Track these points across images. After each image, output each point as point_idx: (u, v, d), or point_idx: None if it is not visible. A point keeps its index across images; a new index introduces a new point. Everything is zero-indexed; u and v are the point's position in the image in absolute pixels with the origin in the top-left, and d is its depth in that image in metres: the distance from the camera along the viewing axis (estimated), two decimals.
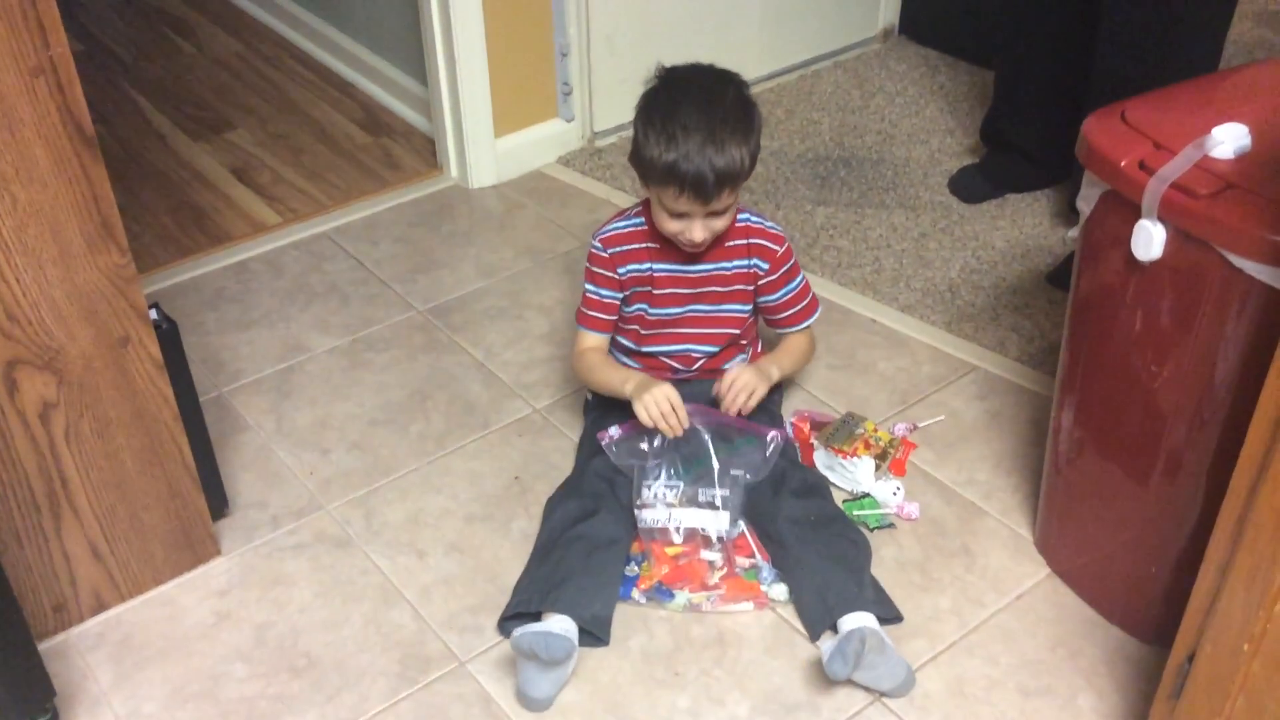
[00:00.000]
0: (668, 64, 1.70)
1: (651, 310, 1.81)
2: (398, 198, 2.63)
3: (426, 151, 2.79)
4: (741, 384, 1.75)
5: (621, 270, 1.79)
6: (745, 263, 1.78)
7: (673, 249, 1.76)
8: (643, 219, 1.78)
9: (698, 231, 1.67)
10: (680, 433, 1.69)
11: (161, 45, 3.36)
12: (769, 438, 1.73)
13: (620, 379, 1.76)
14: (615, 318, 1.84)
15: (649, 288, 1.80)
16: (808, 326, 1.89)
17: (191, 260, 2.44)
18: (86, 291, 1.48)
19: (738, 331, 1.85)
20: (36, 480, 1.55)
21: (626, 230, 1.79)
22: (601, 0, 2.62)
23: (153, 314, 1.59)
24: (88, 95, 1.39)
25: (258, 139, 2.88)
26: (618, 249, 1.78)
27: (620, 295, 1.81)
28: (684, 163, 1.59)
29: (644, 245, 1.78)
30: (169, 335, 1.62)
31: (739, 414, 1.76)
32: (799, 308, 1.86)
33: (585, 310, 1.83)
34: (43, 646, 1.63)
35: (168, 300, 2.30)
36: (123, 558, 1.69)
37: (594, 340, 1.84)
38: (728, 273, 1.79)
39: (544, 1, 2.56)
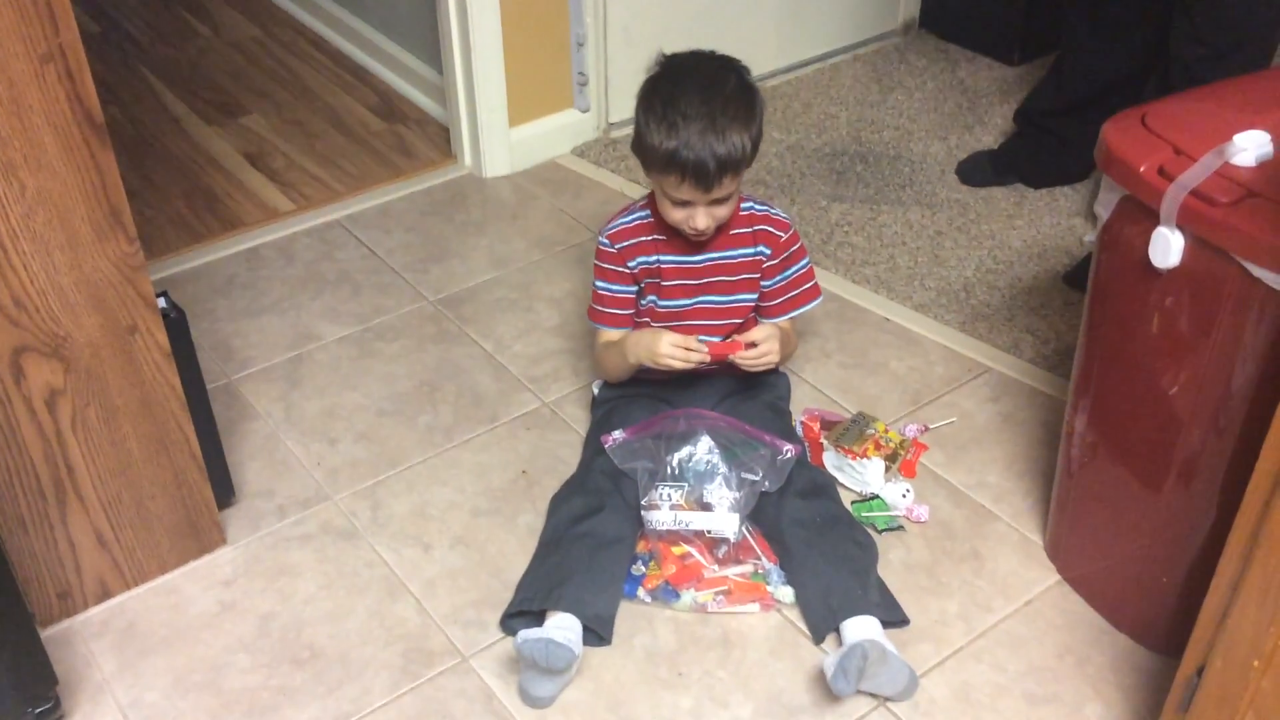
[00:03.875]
0: (669, 51, 1.70)
1: (661, 302, 1.80)
2: (411, 186, 2.62)
3: (441, 140, 2.78)
4: (767, 355, 1.72)
5: (632, 264, 1.78)
6: (751, 250, 1.77)
7: (679, 240, 1.75)
8: (648, 211, 1.77)
9: (701, 219, 1.66)
10: (708, 357, 1.69)
11: (178, 28, 3.35)
12: (784, 450, 1.72)
13: (619, 352, 1.77)
14: (630, 313, 1.83)
15: (658, 279, 1.79)
16: (796, 315, 1.85)
17: (203, 246, 2.44)
18: (94, 279, 1.48)
19: (742, 321, 1.84)
20: (42, 467, 1.55)
21: (633, 224, 1.78)
22: None
23: (161, 303, 1.59)
24: (103, 77, 1.38)
25: (272, 124, 2.88)
26: (626, 243, 1.77)
27: (634, 289, 1.81)
28: (685, 150, 1.58)
29: (651, 238, 1.77)
30: (177, 324, 1.62)
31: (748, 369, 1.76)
32: (793, 294, 1.83)
33: (599, 307, 1.82)
34: (46, 634, 1.63)
35: (179, 286, 2.30)
36: (128, 546, 1.68)
37: (611, 336, 1.83)
38: (733, 261, 1.78)
39: None
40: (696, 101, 1.59)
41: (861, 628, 1.58)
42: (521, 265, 2.38)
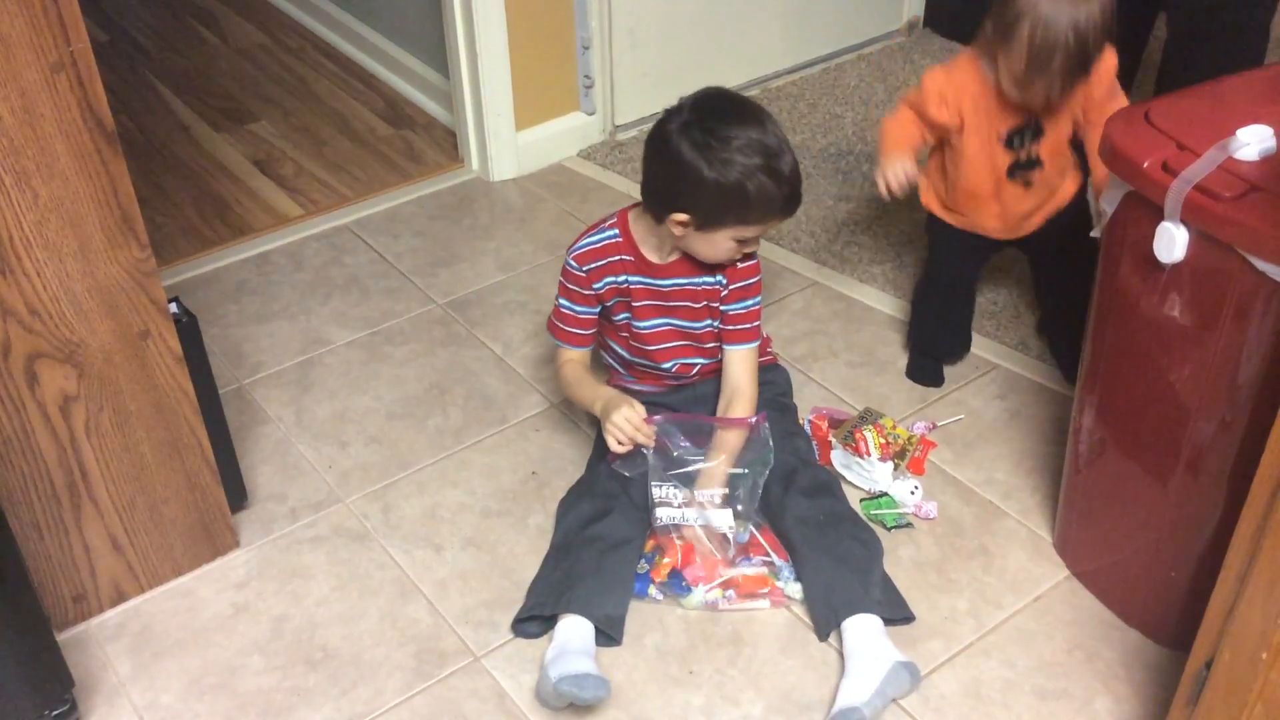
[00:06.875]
0: (675, 101, 1.64)
1: (635, 322, 1.78)
2: (419, 190, 2.64)
3: (448, 144, 2.79)
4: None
5: (598, 285, 1.75)
6: (711, 279, 1.74)
7: (646, 263, 1.73)
8: (617, 231, 1.74)
9: (754, 242, 1.68)
10: (650, 443, 1.67)
11: (186, 35, 3.37)
12: (752, 422, 1.71)
13: (590, 398, 1.74)
14: (591, 332, 1.81)
15: (628, 299, 1.77)
16: (744, 349, 1.78)
17: (214, 252, 2.45)
18: (107, 286, 1.49)
19: (713, 346, 1.80)
20: (57, 472, 1.56)
21: (601, 244, 1.75)
22: None
23: (173, 308, 1.60)
24: (111, 85, 1.39)
25: (280, 130, 2.89)
26: (593, 264, 1.75)
27: (595, 310, 1.78)
28: (793, 191, 1.60)
29: (619, 258, 1.74)
30: (189, 329, 1.63)
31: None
32: (732, 329, 1.77)
33: (559, 324, 1.80)
34: (62, 637, 1.65)
35: (189, 292, 2.31)
36: (142, 549, 1.70)
37: (572, 354, 1.82)
38: (697, 288, 1.75)
39: None
40: (770, 137, 1.58)
41: (863, 626, 1.59)
42: (529, 268, 2.39)
